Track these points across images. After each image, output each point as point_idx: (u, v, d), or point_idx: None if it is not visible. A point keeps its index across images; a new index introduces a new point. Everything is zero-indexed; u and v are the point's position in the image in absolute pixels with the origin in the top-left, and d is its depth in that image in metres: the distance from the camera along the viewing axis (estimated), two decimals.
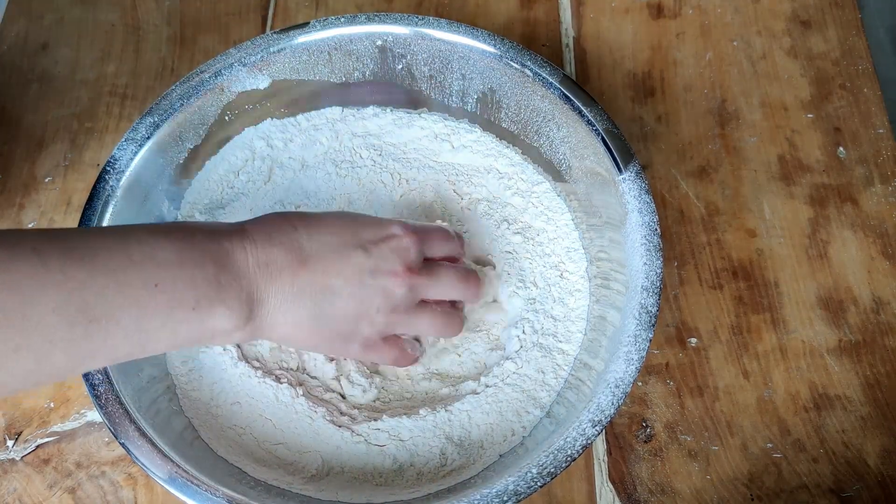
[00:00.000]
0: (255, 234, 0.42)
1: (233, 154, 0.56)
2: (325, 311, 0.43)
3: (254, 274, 0.41)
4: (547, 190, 0.55)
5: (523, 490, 0.41)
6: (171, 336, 0.39)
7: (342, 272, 0.43)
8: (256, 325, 0.42)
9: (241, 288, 0.40)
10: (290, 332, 0.43)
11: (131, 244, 0.38)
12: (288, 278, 0.42)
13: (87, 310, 0.35)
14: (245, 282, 0.40)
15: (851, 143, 0.62)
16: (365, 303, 0.44)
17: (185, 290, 0.38)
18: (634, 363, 0.44)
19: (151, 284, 0.37)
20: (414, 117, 0.59)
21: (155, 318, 0.37)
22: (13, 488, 0.51)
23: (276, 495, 0.45)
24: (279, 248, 0.42)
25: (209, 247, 0.40)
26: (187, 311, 0.38)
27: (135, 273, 0.37)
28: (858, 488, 0.51)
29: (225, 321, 0.40)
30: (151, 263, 0.37)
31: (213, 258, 0.40)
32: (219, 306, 0.39)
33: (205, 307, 0.39)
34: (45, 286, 0.34)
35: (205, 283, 0.39)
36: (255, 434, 0.48)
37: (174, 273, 0.38)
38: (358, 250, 0.44)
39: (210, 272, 0.39)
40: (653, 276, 0.46)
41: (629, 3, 0.68)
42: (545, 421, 0.48)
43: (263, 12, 0.69)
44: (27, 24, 0.69)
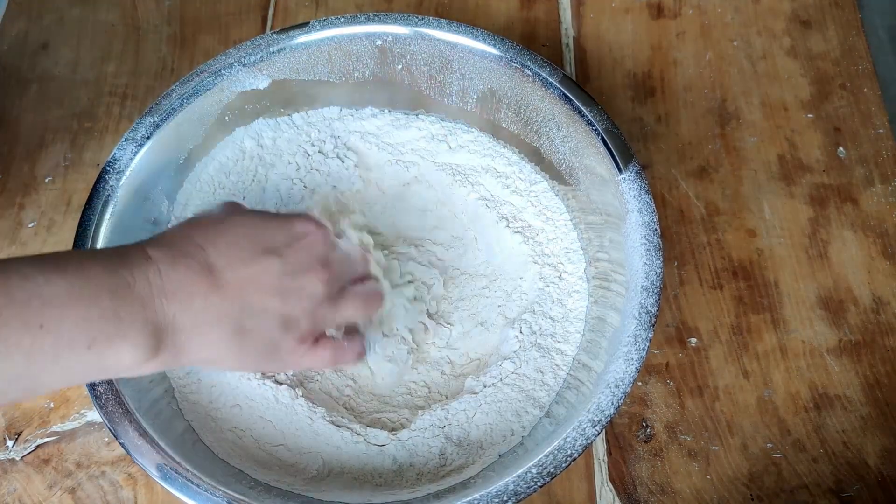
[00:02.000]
0: (159, 261, 0.39)
1: (223, 154, 0.56)
2: (247, 326, 0.40)
3: (160, 303, 0.38)
4: (545, 189, 0.55)
5: (523, 490, 0.41)
6: (65, 374, 0.36)
7: (257, 282, 0.41)
8: (172, 354, 0.39)
9: (146, 320, 0.37)
10: (213, 355, 0.41)
11: (13, 280, 0.34)
12: (200, 301, 0.39)
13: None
14: (150, 312, 0.37)
15: (851, 142, 0.62)
16: (288, 309, 0.42)
17: (75, 329, 0.35)
18: (634, 363, 0.44)
19: (35, 325, 0.34)
20: (412, 118, 0.59)
21: (42, 358, 0.34)
22: (13, 488, 0.51)
23: (275, 495, 0.45)
24: (186, 271, 0.39)
25: (105, 279, 0.37)
26: (80, 350, 0.35)
27: (15, 313, 0.34)
28: (858, 488, 0.51)
29: (128, 356, 0.37)
30: (37, 301, 0.34)
31: (110, 291, 0.37)
32: (119, 342, 0.36)
33: (102, 344, 0.36)
34: None
35: (101, 320, 0.36)
36: (255, 436, 0.48)
37: (62, 311, 0.35)
38: (270, 256, 0.42)
39: (107, 306, 0.36)
40: (653, 275, 0.46)
41: (629, 3, 0.68)
42: (544, 421, 0.48)
43: (263, 12, 0.69)
44: (27, 24, 0.69)
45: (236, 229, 0.42)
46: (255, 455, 0.48)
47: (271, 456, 0.48)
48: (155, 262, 0.39)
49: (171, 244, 0.40)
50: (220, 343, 0.40)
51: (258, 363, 0.44)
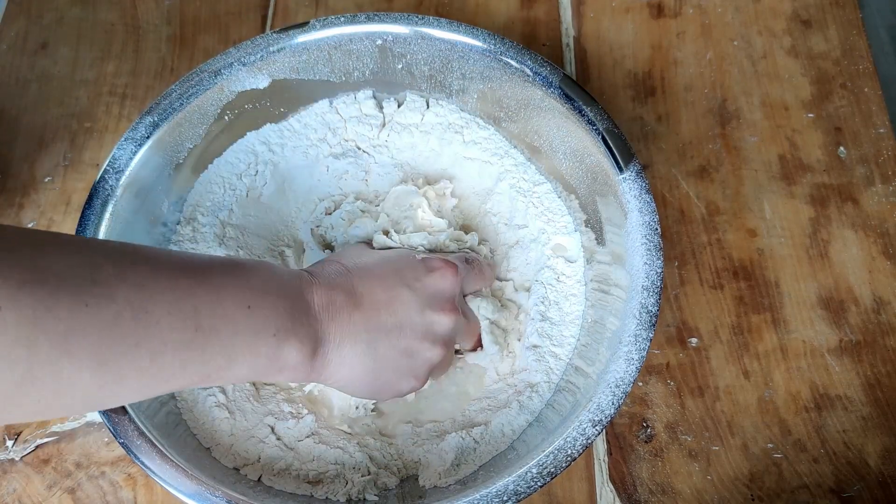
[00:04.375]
0: (320, 277, 0.44)
1: (235, 157, 0.56)
2: (378, 349, 0.44)
3: (318, 313, 0.43)
4: (548, 191, 0.55)
5: (523, 490, 0.41)
6: (251, 359, 0.39)
7: (393, 310, 0.45)
8: (321, 363, 0.43)
9: (310, 324, 0.42)
10: (347, 373, 0.44)
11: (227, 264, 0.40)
12: (346, 318, 0.43)
13: (194, 317, 0.36)
14: (313, 319, 0.42)
15: (852, 142, 0.61)
16: (415, 339, 0.46)
17: (269, 317, 0.40)
18: (635, 363, 0.44)
19: (245, 306, 0.39)
20: (431, 102, 0.58)
21: (243, 337, 0.38)
22: (13, 488, 0.51)
23: (274, 495, 0.45)
24: (338, 291, 0.44)
25: (289, 282, 0.42)
26: (268, 336, 0.40)
27: (233, 292, 0.39)
28: (859, 488, 0.51)
29: (296, 354, 0.41)
30: (246, 286, 0.39)
31: (290, 293, 0.42)
32: (292, 338, 0.41)
33: (282, 336, 0.40)
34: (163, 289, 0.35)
35: (284, 314, 0.40)
36: (256, 441, 0.48)
37: (263, 299, 0.40)
38: (404, 289, 0.46)
39: (287, 305, 0.41)
40: (653, 275, 0.46)
41: (630, 3, 0.68)
42: (535, 425, 0.48)
43: (263, 12, 0.69)
44: (26, 24, 0.69)
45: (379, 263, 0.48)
46: (255, 460, 0.48)
47: (270, 460, 0.48)
48: (317, 278, 0.44)
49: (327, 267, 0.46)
50: (354, 363, 0.44)
51: (383, 388, 0.46)
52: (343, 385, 0.45)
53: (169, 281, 0.36)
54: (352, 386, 0.45)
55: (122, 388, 0.35)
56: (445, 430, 0.50)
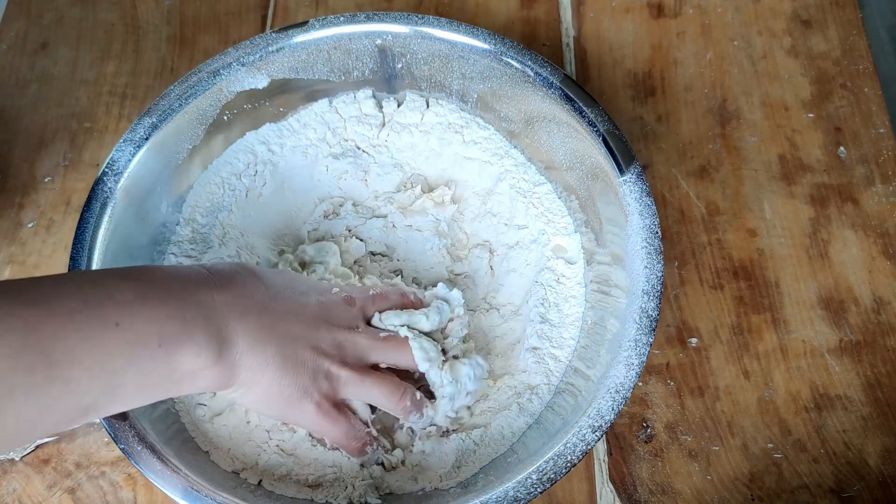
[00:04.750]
0: (217, 277, 0.41)
1: (234, 157, 0.56)
2: (288, 355, 0.42)
3: (221, 311, 0.40)
4: (548, 192, 0.55)
5: (523, 496, 0.41)
6: (139, 377, 0.36)
7: (301, 318, 0.43)
8: (226, 367, 0.40)
9: (209, 324, 0.39)
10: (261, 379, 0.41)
11: (85, 287, 0.36)
12: (255, 318, 0.41)
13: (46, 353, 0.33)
14: (212, 318, 0.39)
15: (852, 142, 0.61)
16: (320, 350, 0.43)
17: (147, 328, 0.37)
18: (635, 368, 0.44)
19: (111, 323, 0.35)
20: (431, 102, 0.58)
21: (119, 357, 0.36)
22: (13, 488, 0.51)
23: (275, 499, 0.45)
24: (242, 290, 0.41)
25: (171, 285, 0.39)
26: (153, 348, 0.37)
27: (93, 312, 0.35)
28: (859, 488, 0.51)
29: (193, 359, 0.38)
30: (110, 303, 0.36)
31: (176, 296, 0.38)
32: (186, 342, 0.38)
33: (171, 344, 0.37)
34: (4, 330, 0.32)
35: (168, 320, 0.37)
36: (254, 444, 0.48)
37: (133, 311, 0.36)
38: (312, 299, 0.44)
39: (173, 307, 0.38)
40: (653, 279, 0.46)
41: (630, 3, 0.68)
42: (535, 427, 0.48)
43: (263, 11, 0.69)
44: (26, 24, 0.69)
45: (285, 274, 0.46)
46: (252, 462, 0.48)
47: (270, 465, 0.48)
48: (214, 277, 0.41)
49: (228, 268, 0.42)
50: (265, 367, 0.41)
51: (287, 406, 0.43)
52: (257, 396, 0.42)
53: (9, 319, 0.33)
54: (258, 396, 0.42)
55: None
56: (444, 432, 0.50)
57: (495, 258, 0.56)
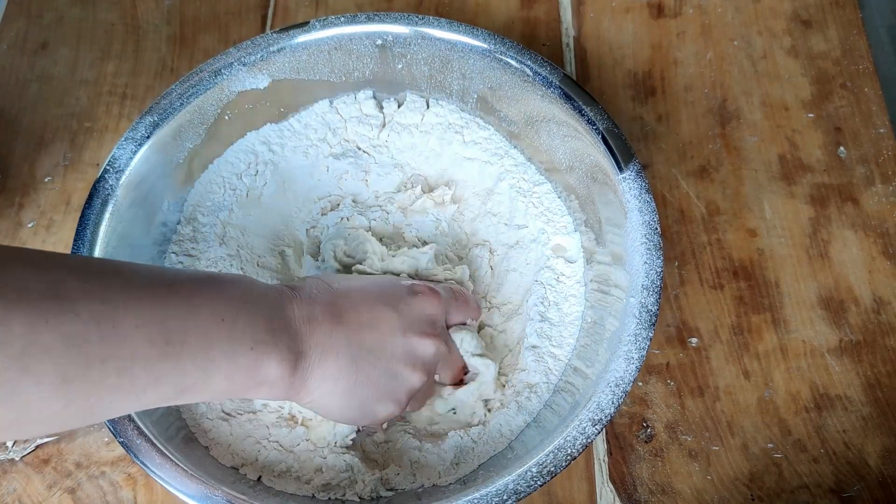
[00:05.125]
0: (301, 291, 0.43)
1: (235, 157, 0.56)
2: (360, 367, 0.43)
3: (299, 327, 0.41)
4: (548, 191, 0.55)
5: (523, 489, 0.41)
6: (229, 373, 0.38)
7: (375, 328, 0.44)
8: (298, 380, 0.42)
9: (290, 338, 0.41)
10: (328, 390, 0.43)
11: (202, 277, 0.40)
12: (326, 333, 0.42)
13: (165, 331, 0.35)
14: (293, 333, 0.41)
15: (852, 142, 0.61)
16: (397, 361, 0.45)
17: (245, 330, 0.39)
18: (635, 362, 0.44)
19: (218, 318, 0.38)
20: (431, 102, 0.58)
21: (219, 349, 0.37)
22: (13, 488, 0.51)
23: (274, 495, 0.45)
24: (319, 305, 0.43)
25: (267, 294, 0.41)
26: (245, 349, 0.39)
27: (205, 303, 0.38)
28: (859, 488, 0.51)
29: (275, 368, 0.40)
30: (219, 298, 0.38)
31: (269, 305, 0.41)
32: (272, 352, 0.40)
33: (261, 350, 0.39)
34: (131, 301, 0.34)
35: (261, 328, 0.39)
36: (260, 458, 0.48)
37: (238, 312, 0.39)
38: (388, 309, 0.45)
39: (265, 318, 0.40)
40: (653, 275, 0.46)
41: (630, 3, 0.68)
42: (533, 425, 0.48)
43: (263, 11, 0.69)
44: (26, 24, 0.69)
45: (363, 282, 0.47)
46: (252, 458, 0.48)
47: (269, 461, 0.48)
48: (298, 292, 0.43)
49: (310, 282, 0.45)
50: (336, 376, 0.43)
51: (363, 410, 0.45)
52: (321, 405, 0.44)
53: (137, 294, 0.35)
54: (330, 406, 0.44)
55: (91, 406, 0.34)
56: (442, 431, 0.50)
57: (495, 258, 0.56)
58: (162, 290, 0.36)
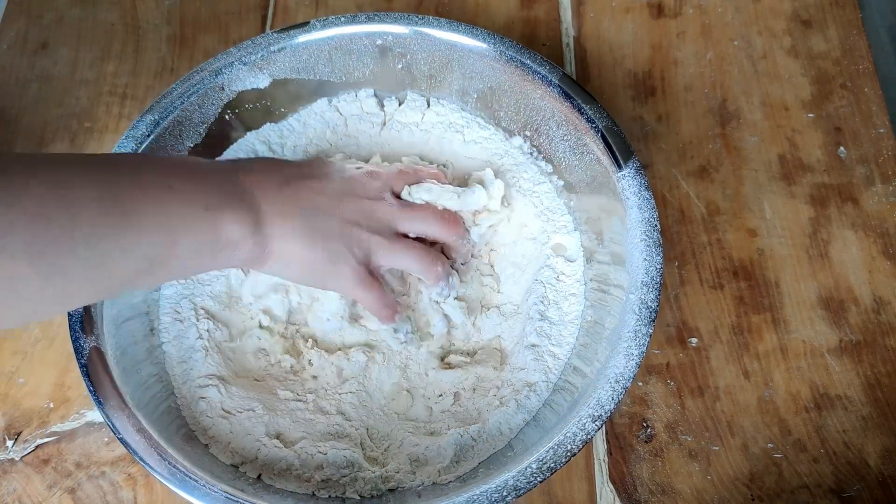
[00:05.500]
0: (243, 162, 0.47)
1: (236, 156, 0.56)
2: (313, 224, 0.45)
3: (250, 188, 0.44)
4: (548, 191, 0.55)
5: (523, 485, 0.41)
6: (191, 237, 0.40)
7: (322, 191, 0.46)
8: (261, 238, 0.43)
9: (243, 199, 0.43)
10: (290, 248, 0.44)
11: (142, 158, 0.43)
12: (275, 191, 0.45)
13: (119, 202, 0.37)
14: (245, 194, 0.43)
15: (852, 142, 0.61)
16: (347, 219, 0.46)
17: (196, 194, 0.41)
18: (634, 358, 0.44)
19: (165, 185, 0.40)
20: (432, 101, 0.58)
21: (176, 215, 0.40)
22: (13, 488, 0.51)
23: (274, 492, 0.45)
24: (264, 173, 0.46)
25: (209, 166, 0.44)
26: (201, 211, 0.41)
27: (150, 175, 0.40)
28: (859, 488, 0.51)
29: (236, 228, 0.42)
30: (163, 170, 0.41)
31: (214, 174, 0.43)
32: (227, 210, 0.42)
33: (215, 209, 0.41)
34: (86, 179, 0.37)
35: (211, 191, 0.42)
36: (254, 437, 0.48)
37: (184, 178, 0.41)
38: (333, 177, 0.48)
39: (214, 181, 0.43)
40: (653, 271, 0.46)
41: (630, 3, 0.68)
42: (532, 424, 0.48)
43: (263, 11, 0.69)
44: (26, 24, 0.69)
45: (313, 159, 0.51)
46: (252, 456, 0.48)
47: (269, 459, 0.48)
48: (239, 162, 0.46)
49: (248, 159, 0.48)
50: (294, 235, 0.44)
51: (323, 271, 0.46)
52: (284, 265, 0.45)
53: (86, 170, 0.37)
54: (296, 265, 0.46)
55: (70, 282, 0.36)
56: (442, 429, 0.50)
57: (495, 256, 0.56)
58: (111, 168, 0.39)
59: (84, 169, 0.38)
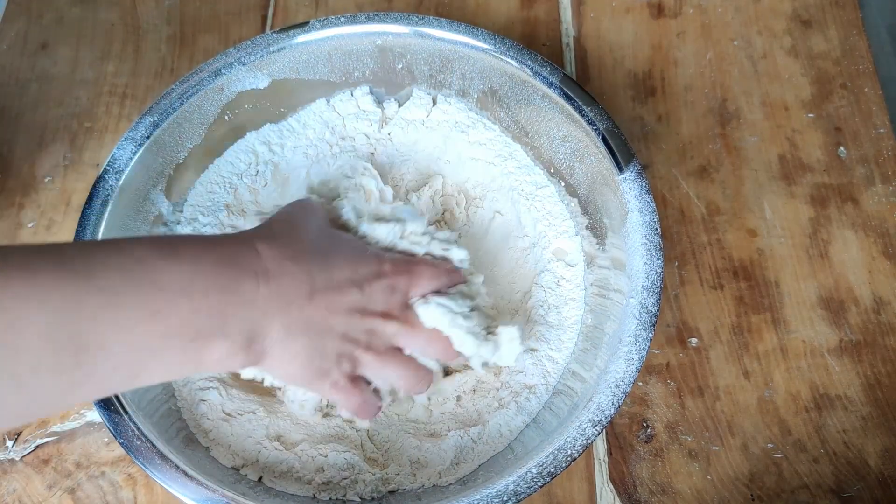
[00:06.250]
0: (269, 261, 0.39)
1: (236, 157, 0.57)
2: (318, 347, 0.41)
3: (263, 304, 0.38)
4: (551, 195, 0.55)
5: (523, 490, 0.41)
6: (163, 367, 0.36)
7: (340, 310, 0.42)
8: (253, 354, 0.39)
9: (247, 319, 0.38)
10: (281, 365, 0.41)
11: (133, 263, 0.34)
12: (296, 312, 0.40)
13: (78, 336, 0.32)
14: (252, 313, 0.38)
15: (852, 142, 0.61)
16: (349, 337, 0.42)
17: (185, 321, 0.35)
18: (635, 363, 0.44)
19: (149, 311, 0.34)
20: (439, 99, 0.58)
21: (148, 349, 0.34)
22: (13, 488, 0.51)
23: (275, 495, 0.45)
24: (291, 280, 0.40)
25: (219, 273, 0.37)
26: (185, 341, 0.36)
27: (133, 297, 0.34)
28: (859, 488, 0.51)
29: (223, 352, 0.37)
30: (153, 288, 0.34)
31: (221, 287, 0.37)
32: (219, 338, 0.37)
33: (204, 338, 0.36)
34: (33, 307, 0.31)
35: (208, 316, 0.36)
36: (255, 441, 0.48)
37: (176, 301, 0.35)
38: (354, 288, 0.42)
39: (215, 302, 0.36)
40: (653, 275, 0.46)
41: (630, 3, 0.68)
42: (532, 426, 0.48)
43: (263, 12, 0.69)
44: (27, 24, 0.69)
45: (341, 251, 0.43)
46: (252, 458, 0.48)
47: (270, 461, 0.48)
48: (264, 261, 0.39)
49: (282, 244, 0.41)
50: (293, 357, 0.40)
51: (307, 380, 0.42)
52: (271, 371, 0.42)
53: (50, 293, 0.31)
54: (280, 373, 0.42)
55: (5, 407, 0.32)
56: (442, 431, 0.49)
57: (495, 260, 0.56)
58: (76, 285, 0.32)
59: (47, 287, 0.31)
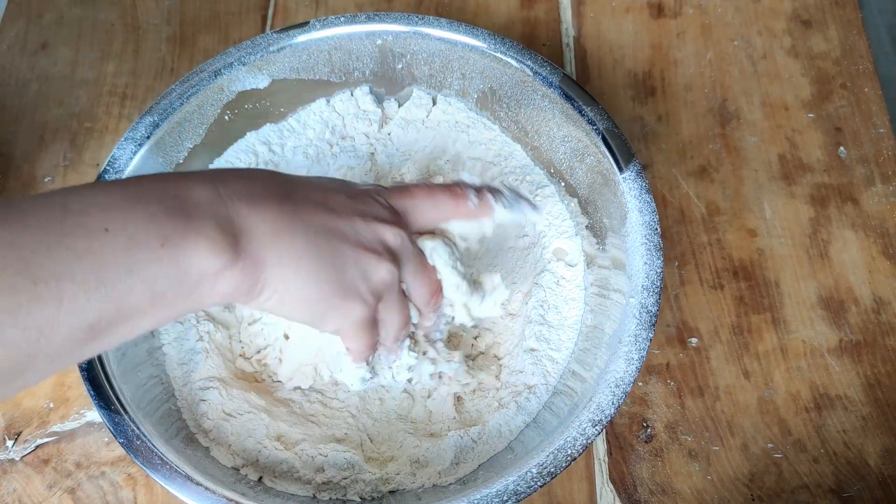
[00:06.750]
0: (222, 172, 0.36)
1: (236, 157, 0.56)
2: (323, 248, 0.36)
3: (228, 201, 0.34)
4: (551, 194, 0.55)
5: (523, 490, 0.41)
6: (145, 286, 0.32)
7: (331, 208, 0.37)
8: (250, 264, 0.34)
9: (217, 215, 0.33)
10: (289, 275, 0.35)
11: (67, 196, 0.32)
12: (274, 206, 0.35)
13: (28, 270, 0.29)
14: (220, 209, 0.34)
15: (852, 142, 0.61)
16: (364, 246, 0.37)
17: (143, 229, 0.32)
18: (635, 363, 0.44)
19: (99, 230, 0.31)
20: (439, 99, 0.58)
21: (114, 265, 0.31)
22: (13, 488, 0.51)
23: (275, 495, 0.45)
24: (256, 182, 0.36)
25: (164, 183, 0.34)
26: (154, 250, 0.32)
27: (75, 221, 0.31)
28: (859, 488, 0.51)
29: (208, 256, 0.33)
30: (95, 209, 0.31)
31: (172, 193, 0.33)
32: (193, 237, 0.32)
33: (176, 241, 0.32)
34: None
35: (167, 217, 0.32)
36: (255, 440, 0.48)
37: (124, 213, 0.32)
38: (341, 194, 0.38)
39: (171, 205, 0.33)
40: (653, 275, 0.46)
41: (630, 3, 0.68)
42: (532, 426, 0.48)
43: (263, 12, 0.69)
44: (26, 24, 0.69)
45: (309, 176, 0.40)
46: (253, 458, 0.48)
47: (270, 461, 0.48)
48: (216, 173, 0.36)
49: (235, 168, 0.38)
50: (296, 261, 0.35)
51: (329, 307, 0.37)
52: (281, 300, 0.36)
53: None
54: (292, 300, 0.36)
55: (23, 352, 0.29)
56: (442, 430, 0.49)
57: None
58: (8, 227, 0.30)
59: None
